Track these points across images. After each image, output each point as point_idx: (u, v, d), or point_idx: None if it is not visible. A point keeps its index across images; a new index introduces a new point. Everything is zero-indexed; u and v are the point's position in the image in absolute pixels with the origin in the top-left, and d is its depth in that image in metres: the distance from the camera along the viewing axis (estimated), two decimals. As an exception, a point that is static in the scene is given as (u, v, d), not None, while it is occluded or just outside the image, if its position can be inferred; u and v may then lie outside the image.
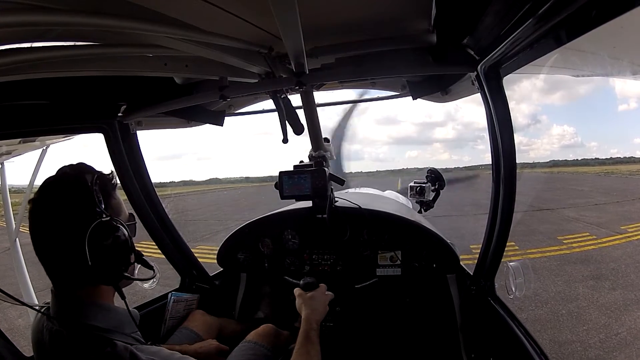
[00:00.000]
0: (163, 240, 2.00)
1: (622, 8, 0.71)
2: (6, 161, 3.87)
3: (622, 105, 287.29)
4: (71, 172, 0.95)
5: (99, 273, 0.91)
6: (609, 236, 8.56)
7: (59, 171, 0.96)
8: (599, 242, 8.08)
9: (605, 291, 5.35)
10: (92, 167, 0.99)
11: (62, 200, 0.91)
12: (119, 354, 0.87)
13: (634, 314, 4.59)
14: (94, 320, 0.92)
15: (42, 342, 0.93)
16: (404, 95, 1.84)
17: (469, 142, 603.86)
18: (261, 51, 1.25)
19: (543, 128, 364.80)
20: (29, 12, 0.70)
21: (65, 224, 0.89)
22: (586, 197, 16.82)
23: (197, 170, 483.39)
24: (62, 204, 0.90)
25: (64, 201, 0.90)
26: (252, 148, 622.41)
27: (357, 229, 2.05)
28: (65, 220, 0.89)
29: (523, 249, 7.70)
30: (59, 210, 0.90)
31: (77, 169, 0.96)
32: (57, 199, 0.91)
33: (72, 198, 0.91)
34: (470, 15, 1.06)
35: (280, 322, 1.94)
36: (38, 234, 0.90)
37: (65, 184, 0.93)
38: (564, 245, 8.00)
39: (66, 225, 0.89)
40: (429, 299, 2.11)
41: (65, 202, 0.90)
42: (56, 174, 0.95)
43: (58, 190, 0.92)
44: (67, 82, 1.32)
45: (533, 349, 1.37)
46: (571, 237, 8.57)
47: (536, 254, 7.33)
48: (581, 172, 51.42)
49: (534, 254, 7.33)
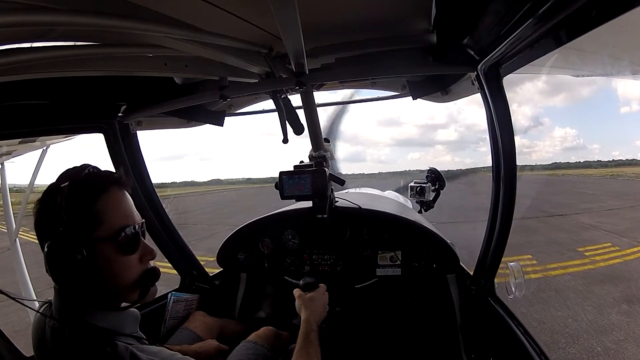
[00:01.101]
0: (163, 240, 2.00)
1: (622, 8, 0.72)
2: (6, 161, 3.87)
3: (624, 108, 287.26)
4: (56, 181, 0.90)
5: (67, 293, 0.89)
6: (633, 247, 7.91)
7: (61, 174, 0.93)
8: (623, 255, 7.42)
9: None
10: (84, 169, 0.91)
11: (39, 212, 0.89)
12: (119, 354, 0.86)
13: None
14: (94, 319, 0.91)
15: (44, 340, 0.93)
16: (404, 95, 1.84)
17: (471, 144, 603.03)
18: (261, 51, 1.25)
19: (545, 130, 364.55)
20: (29, 12, 0.70)
21: (39, 235, 0.88)
22: (598, 201, 16.27)
23: (198, 171, 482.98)
24: (38, 214, 0.89)
25: (39, 212, 0.88)
26: (254, 149, 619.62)
27: (357, 229, 2.05)
28: (38, 232, 0.88)
29: (542, 264, 6.92)
30: (36, 220, 0.89)
31: (60, 177, 0.90)
32: (39, 208, 0.89)
33: (43, 210, 0.88)
34: (470, 15, 1.06)
35: (281, 322, 1.94)
36: (39, 235, 0.90)
37: (46, 195, 0.89)
38: (587, 258, 7.27)
39: (39, 237, 0.88)
40: (429, 299, 2.11)
41: (40, 213, 0.88)
42: (59, 177, 0.92)
43: (42, 199, 0.89)
44: (67, 82, 1.32)
45: (533, 348, 1.37)
46: (592, 249, 7.85)
47: (558, 270, 6.60)
48: (586, 174, 50.40)
49: (556, 270, 6.60)
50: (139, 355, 0.88)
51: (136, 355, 0.88)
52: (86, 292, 0.88)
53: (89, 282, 0.86)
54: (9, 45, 0.89)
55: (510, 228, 1.51)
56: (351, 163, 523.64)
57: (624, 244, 8.18)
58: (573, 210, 13.33)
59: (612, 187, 23.78)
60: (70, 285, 0.87)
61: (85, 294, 0.89)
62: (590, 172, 57.81)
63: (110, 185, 0.91)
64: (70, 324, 0.89)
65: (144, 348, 0.93)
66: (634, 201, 15.22)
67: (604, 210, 13.09)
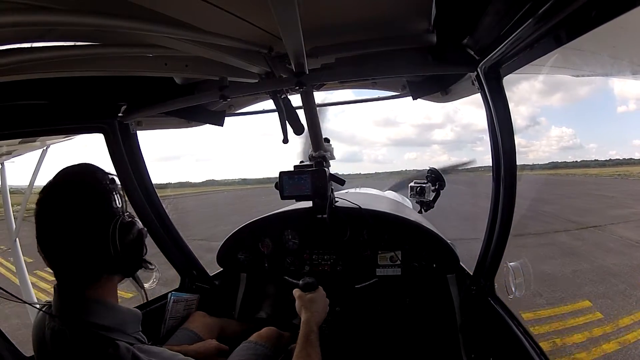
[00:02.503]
0: (163, 240, 2.00)
1: (622, 8, 0.72)
2: (6, 161, 3.87)
3: (621, 107, 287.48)
4: (81, 171, 0.96)
5: (122, 265, 0.97)
6: None
7: (65, 171, 0.95)
8: None
9: None
10: (97, 167, 0.99)
11: (76, 200, 0.90)
12: (121, 355, 0.86)
13: None
14: (96, 318, 0.91)
15: (44, 341, 0.93)
16: (404, 96, 1.84)
17: (468, 144, 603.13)
18: (261, 51, 1.25)
19: (542, 129, 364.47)
20: (29, 12, 0.70)
21: (84, 222, 0.90)
22: (624, 206, 14.29)
23: (194, 172, 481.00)
24: (77, 203, 0.90)
25: (80, 201, 0.91)
26: (250, 149, 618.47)
27: (357, 229, 2.05)
28: (84, 219, 0.90)
29: (610, 318, 4.57)
30: (75, 210, 0.90)
31: (87, 169, 0.97)
32: (71, 199, 0.90)
33: (89, 198, 0.92)
34: (470, 15, 1.06)
35: (281, 322, 1.94)
36: (48, 233, 0.90)
37: (78, 185, 0.93)
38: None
39: (85, 224, 0.90)
40: (429, 299, 2.11)
41: (82, 202, 0.91)
42: (62, 174, 0.94)
43: (71, 191, 0.92)
44: (67, 82, 1.32)
45: (533, 349, 1.37)
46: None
47: (636, 330, 4.18)
48: (590, 174, 46.86)
49: (634, 331, 4.16)
50: (141, 356, 0.88)
51: (138, 356, 0.88)
52: (136, 264, 1.03)
53: (141, 254, 1.04)
54: (8, 45, 0.89)
55: (511, 228, 1.51)
56: (348, 163, 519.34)
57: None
58: (605, 220, 11.19)
59: (628, 189, 22.00)
60: (127, 259, 0.97)
61: (135, 267, 1.04)
62: (594, 172, 56.72)
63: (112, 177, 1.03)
64: (71, 325, 0.89)
65: (145, 348, 0.93)
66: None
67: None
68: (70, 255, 0.91)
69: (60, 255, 0.91)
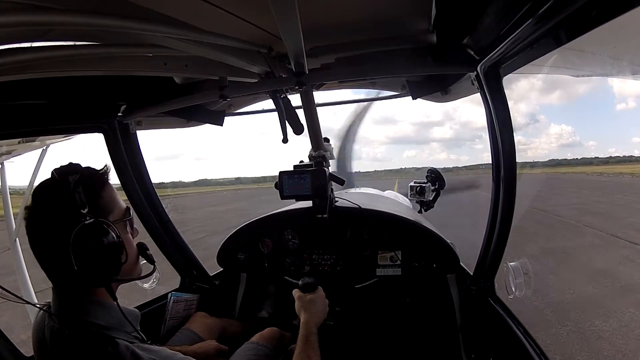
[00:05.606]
0: (163, 240, 2.00)
1: (622, 8, 0.71)
2: (6, 161, 3.86)
3: (620, 105, 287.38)
4: (56, 175, 0.94)
5: (87, 276, 0.91)
6: None
7: (51, 175, 0.95)
8: None
9: None
10: (78, 166, 0.95)
11: (47, 205, 0.91)
12: (120, 353, 0.86)
13: None
14: (95, 317, 0.92)
15: (43, 341, 0.93)
16: (404, 95, 1.84)
17: (467, 142, 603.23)
18: (261, 51, 1.25)
19: (541, 127, 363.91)
20: (29, 12, 0.70)
21: (52, 228, 0.89)
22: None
23: (188, 172, 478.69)
24: (47, 209, 0.91)
25: (49, 206, 0.91)
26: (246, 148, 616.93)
27: (357, 229, 2.05)
28: (52, 225, 0.89)
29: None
30: (45, 216, 0.90)
31: (61, 171, 0.94)
32: (44, 204, 0.92)
33: (55, 203, 0.91)
34: (470, 15, 1.06)
35: (281, 322, 1.94)
36: (32, 239, 0.91)
37: (49, 189, 0.93)
38: None
39: (53, 230, 0.89)
40: (429, 299, 2.11)
41: (50, 207, 0.91)
42: (47, 178, 0.95)
43: (44, 196, 0.93)
44: (66, 82, 1.32)
45: (533, 349, 1.37)
46: None
47: None
48: (598, 171, 45.06)
49: None
50: (140, 354, 0.88)
51: (137, 354, 0.88)
52: (109, 272, 0.94)
53: (115, 261, 0.94)
54: (8, 45, 0.89)
55: (510, 228, 1.51)
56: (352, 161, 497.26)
57: None
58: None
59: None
60: (95, 267, 0.90)
61: (106, 276, 0.94)
62: (600, 170, 55.23)
63: (106, 177, 1.02)
64: (70, 325, 0.89)
65: (144, 347, 0.93)
66: None
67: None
68: (49, 262, 0.92)
69: (42, 260, 0.92)
